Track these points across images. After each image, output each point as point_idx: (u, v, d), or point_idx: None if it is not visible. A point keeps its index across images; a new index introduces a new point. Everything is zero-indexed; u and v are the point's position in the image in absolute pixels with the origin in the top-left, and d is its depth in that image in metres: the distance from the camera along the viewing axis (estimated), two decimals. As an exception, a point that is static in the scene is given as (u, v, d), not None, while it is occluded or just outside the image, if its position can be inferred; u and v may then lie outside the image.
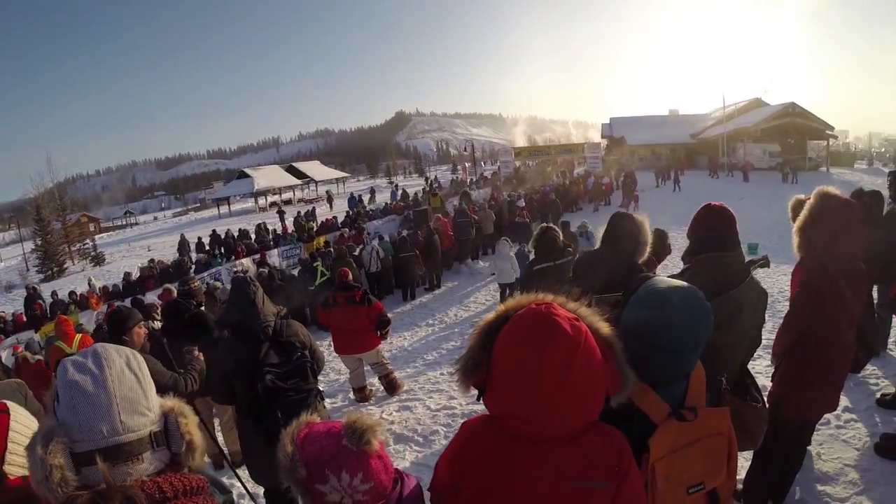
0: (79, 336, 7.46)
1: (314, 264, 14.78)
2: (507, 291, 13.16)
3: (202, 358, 4.32)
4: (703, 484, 1.82)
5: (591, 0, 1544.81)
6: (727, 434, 1.89)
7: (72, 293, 21.20)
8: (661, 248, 10.54)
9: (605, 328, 1.58)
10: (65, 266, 36.61)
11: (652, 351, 1.76)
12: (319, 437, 1.57)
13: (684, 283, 1.91)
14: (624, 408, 1.66)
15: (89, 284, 22.55)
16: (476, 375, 1.57)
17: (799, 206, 3.77)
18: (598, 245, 4.11)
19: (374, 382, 7.98)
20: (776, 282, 10.82)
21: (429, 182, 48.98)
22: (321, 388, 4.06)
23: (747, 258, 2.96)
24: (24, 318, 19.14)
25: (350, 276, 8.09)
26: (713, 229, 2.87)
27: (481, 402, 1.59)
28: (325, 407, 4.10)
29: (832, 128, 43.35)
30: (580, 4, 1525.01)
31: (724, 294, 2.61)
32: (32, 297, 21.29)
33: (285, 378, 3.64)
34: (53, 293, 22.13)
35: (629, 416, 1.71)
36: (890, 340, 6.50)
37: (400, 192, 41.96)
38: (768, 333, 3.11)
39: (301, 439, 1.56)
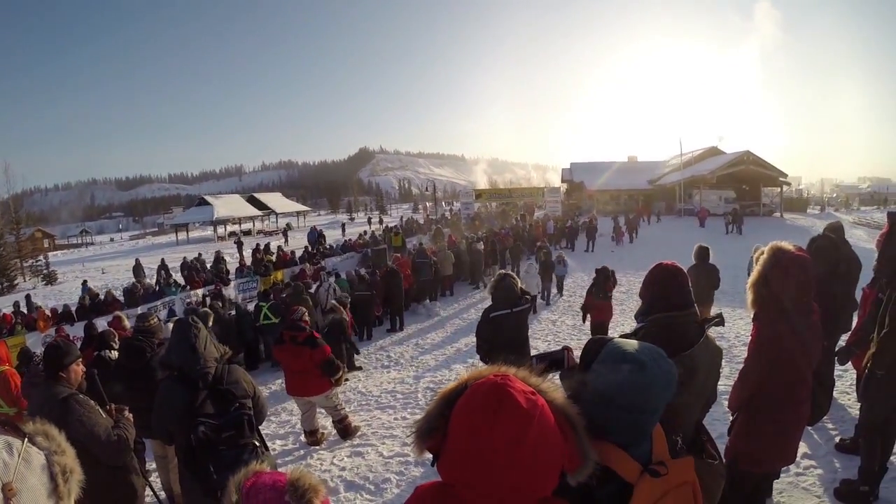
0: (3, 369, 7.12)
1: (260, 304, 14.27)
2: (534, 302, 15.43)
3: (131, 420, 4.12)
4: None
5: (554, 47, 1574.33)
6: (692, 482, 1.93)
7: (18, 312, 20.47)
8: (607, 282, 11.30)
9: (568, 406, 1.57)
10: (15, 282, 35.50)
11: (625, 413, 1.77)
12: (264, 489, 1.58)
13: (648, 344, 1.93)
14: (595, 473, 1.63)
15: (28, 303, 22.00)
16: (431, 440, 1.54)
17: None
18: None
19: (327, 425, 7.81)
20: (733, 326, 10.98)
21: (402, 220, 48.63)
22: (267, 433, 3.94)
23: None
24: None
25: (298, 314, 7.76)
26: (665, 289, 2.82)
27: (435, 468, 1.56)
28: (264, 461, 3.81)
29: (785, 175, 45.07)
30: (543, 51, 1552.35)
31: (678, 355, 2.52)
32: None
33: (219, 430, 3.47)
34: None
35: (602, 481, 1.69)
36: (847, 385, 6.60)
37: (372, 227, 41.90)
38: (725, 379, 3.13)
39: (247, 489, 1.58)
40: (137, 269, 28.84)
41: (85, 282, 26.07)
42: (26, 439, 1.21)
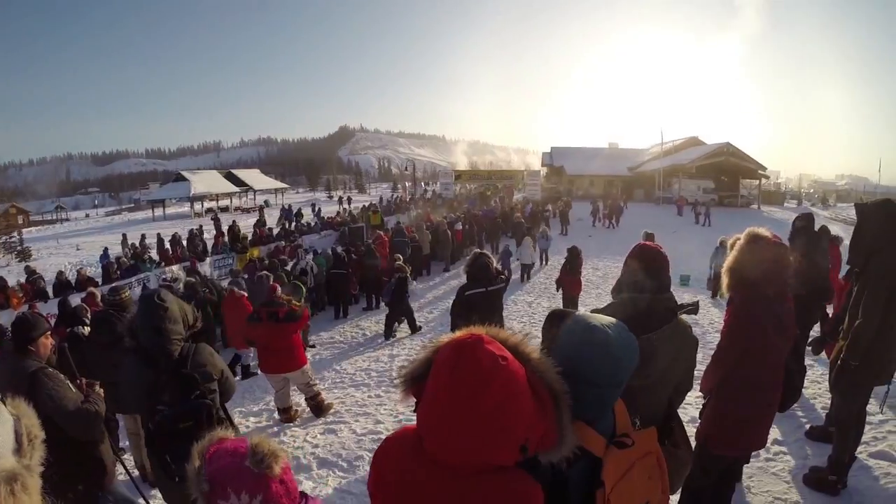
0: None
1: (295, 280, 14.18)
2: (527, 272, 19.17)
3: (102, 395, 4.04)
4: (649, 502, 1.90)
5: (537, 31, 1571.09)
6: (656, 451, 1.97)
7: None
8: (576, 260, 11.73)
9: (557, 383, 1.57)
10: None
11: (589, 387, 1.76)
12: (225, 454, 1.63)
13: (612, 319, 1.95)
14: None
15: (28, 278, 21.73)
16: (415, 387, 1.59)
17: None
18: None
19: (301, 402, 7.79)
20: (707, 312, 11.10)
21: (381, 200, 48.34)
22: (241, 410, 3.86)
23: (679, 290, 2.96)
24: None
25: (279, 291, 7.89)
26: (637, 270, 2.81)
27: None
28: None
29: (764, 168, 45.55)
30: (526, 35, 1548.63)
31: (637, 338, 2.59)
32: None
33: (177, 419, 3.31)
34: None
35: (572, 459, 1.66)
36: (818, 374, 6.69)
37: (347, 205, 41.69)
38: (699, 365, 3.14)
39: (209, 455, 1.62)
40: (124, 244, 28.40)
41: (106, 249, 25.96)
42: (0, 399, 1.23)
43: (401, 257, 14.62)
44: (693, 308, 2.91)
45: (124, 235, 29.76)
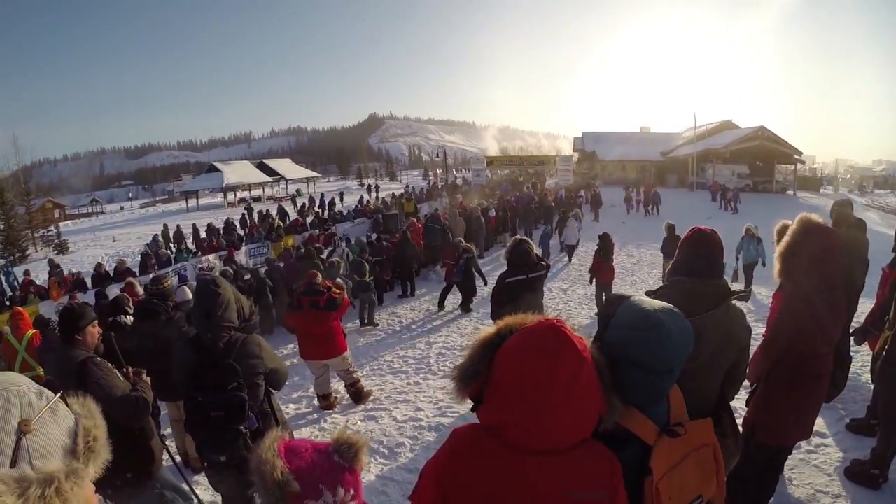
0: (30, 332, 7.27)
1: (361, 258, 14.41)
2: (571, 252, 19.65)
3: (149, 383, 4.08)
4: (702, 496, 1.87)
5: (566, 14, 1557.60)
6: (713, 444, 1.95)
7: (31, 282, 20.45)
8: (609, 248, 11.74)
9: (598, 357, 1.62)
10: (27, 252, 35.63)
11: (643, 373, 1.78)
12: (306, 452, 1.56)
13: (666, 304, 1.94)
14: (613, 436, 1.69)
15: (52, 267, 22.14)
16: (473, 386, 1.60)
17: (784, 231, 3.72)
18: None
19: (340, 389, 7.83)
20: (749, 302, 10.97)
21: (408, 188, 48.44)
22: (280, 397, 3.81)
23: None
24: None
25: (318, 279, 7.88)
26: (689, 254, 2.80)
27: (467, 412, 1.66)
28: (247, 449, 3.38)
29: (800, 153, 44.43)
30: (555, 18, 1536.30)
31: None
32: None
33: (208, 408, 3.32)
34: (15, 278, 21.53)
35: (622, 444, 1.72)
36: (858, 366, 6.56)
37: (374, 194, 41.78)
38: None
39: (284, 454, 1.53)
40: (165, 235, 28.86)
41: (156, 235, 26.38)
42: (59, 395, 1.19)
43: (462, 240, 14.97)
44: (745, 295, 2.87)
45: (165, 226, 30.06)
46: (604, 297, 11.69)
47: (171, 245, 25.22)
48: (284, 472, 1.46)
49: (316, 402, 7.66)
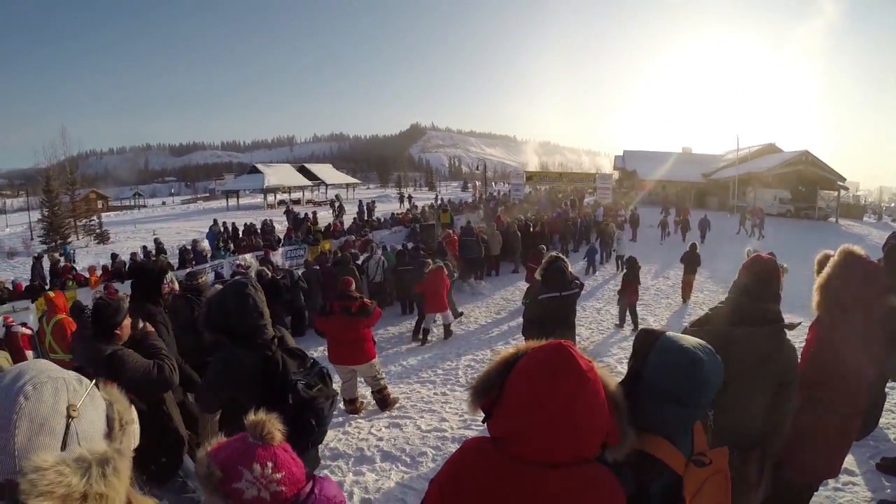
0: (60, 317, 7.42)
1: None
2: (621, 261, 18.84)
3: (151, 329, 4.09)
4: None
5: (610, 32, 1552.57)
6: (725, 469, 2.00)
7: (73, 268, 20.91)
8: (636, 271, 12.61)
9: (612, 384, 1.69)
10: (69, 240, 36.03)
11: (677, 406, 1.87)
12: (228, 443, 1.73)
13: (701, 341, 2.00)
14: (648, 466, 1.80)
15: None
16: (487, 397, 1.66)
17: (825, 261, 3.65)
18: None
19: (366, 395, 7.87)
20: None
21: (438, 199, 48.27)
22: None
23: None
24: (23, 288, 18.54)
25: (353, 286, 7.94)
26: (749, 279, 2.94)
27: (484, 424, 1.70)
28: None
29: (844, 179, 43.19)
30: (599, 36, 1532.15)
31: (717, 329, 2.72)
32: (37, 265, 20.97)
33: (310, 386, 3.37)
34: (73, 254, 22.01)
35: (658, 474, 1.82)
36: (892, 403, 6.42)
37: (408, 203, 41.85)
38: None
39: (214, 450, 1.71)
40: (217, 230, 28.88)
41: (211, 226, 27.10)
42: (94, 382, 1.25)
43: (544, 247, 15.16)
44: (790, 326, 2.90)
45: (215, 220, 30.15)
46: (627, 314, 12.77)
47: (228, 242, 25.28)
48: (209, 462, 1.65)
49: (342, 405, 7.65)
